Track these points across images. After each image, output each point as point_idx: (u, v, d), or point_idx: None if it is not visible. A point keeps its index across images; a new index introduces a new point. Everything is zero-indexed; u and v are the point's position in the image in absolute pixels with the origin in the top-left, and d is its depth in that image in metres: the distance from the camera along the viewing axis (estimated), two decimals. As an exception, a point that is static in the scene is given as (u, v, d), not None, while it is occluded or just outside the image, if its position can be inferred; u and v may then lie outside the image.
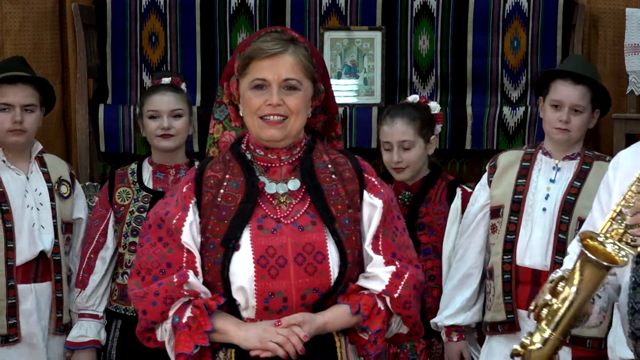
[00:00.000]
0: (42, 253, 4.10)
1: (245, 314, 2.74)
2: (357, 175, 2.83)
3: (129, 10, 5.09)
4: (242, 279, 2.71)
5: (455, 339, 4.10)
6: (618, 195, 2.74)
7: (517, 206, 3.97)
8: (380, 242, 2.79)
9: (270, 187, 2.79)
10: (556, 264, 3.87)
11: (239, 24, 5.11)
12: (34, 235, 4.09)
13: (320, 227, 2.75)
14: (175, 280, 2.72)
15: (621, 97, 5.06)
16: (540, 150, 4.06)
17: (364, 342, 2.79)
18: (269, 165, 2.82)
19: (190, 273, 2.74)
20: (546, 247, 3.93)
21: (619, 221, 2.62)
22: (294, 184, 2.80)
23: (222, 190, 2.78)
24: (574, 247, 2.96)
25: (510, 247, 3.96)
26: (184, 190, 2.80)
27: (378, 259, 2.78)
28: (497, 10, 5.04)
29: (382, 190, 2.82)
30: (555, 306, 2.60)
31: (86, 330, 4.18)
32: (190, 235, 2.75)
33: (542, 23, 5.01)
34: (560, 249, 3.90)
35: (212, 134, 2.96)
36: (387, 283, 2.76)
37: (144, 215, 4.16)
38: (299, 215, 2.76)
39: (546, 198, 3.98)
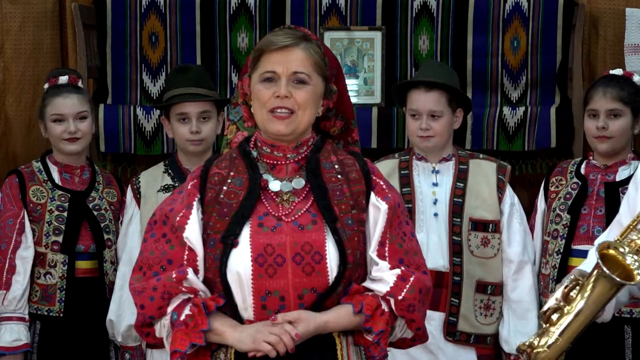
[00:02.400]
0: None
1: (244, 314, 2.74)
2: (364, 176, 2.81)
3: (129, 10, 5.08)
4: (239, 277, 2.71)
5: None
6: None
7: (409, 215, 4.01)
8: (386, 249, 2.77)
9: (275, 185, 2.79)
10: (455, 265, 3.97)
11: (239, 24, 5.10)
12: None
13: (321, 227, 2.74)
14: (174, 276, 2.73)
15: (621, 97, 5.06)
16: (415, 156, 4.14)
17: (368, 344, 2.78)
18: (275, 163, 2.82)
19: (190, 270, 2.74)
20: (444, 249, 4.03)
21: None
22: (298, 183, 2.79)
23: (225, 187, 2.78)
24: (600, 242, 2.96)
25: None
26: (189, 187, 2.81)
27: (384, 264, 2.76)
28: (497, 10, 5.03)
29: (389, 195, 2.80)
30: (565, 312, 2.61)
31: (19, 334, 4.13)
32: (192, 232, 2.76)
33: (542, 23, 5.01)
34: (456, 250, 4.03)
35: (226, 135, 2.96)
36: (391, 285, 2.74)
37: (65, 214, 4.17)
38: (300, 213, 2.76)
39: (435, 203, 4.07)
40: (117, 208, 4.29)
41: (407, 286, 2.75)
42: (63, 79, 4.27)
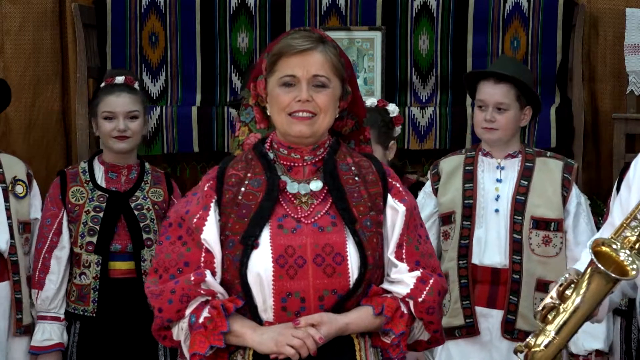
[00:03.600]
0: None
1: (264, 315, 2.72)
2: (381, 178, 2.80)
3: (129, 10, 5.08)
4: (260, 278, 2.69)
5: None
6: (637, 195, 2.74)
7: (469, 211, 4.01)
8: (404, 250, 2.76)
9: (292, 187, 2.78)
10: (514, 263, 3.93)
11: (239, 24, 5.10)
12: None
13: (341, 228, 2.73)
14: (193, 278, 2.71)
15: (621, 97, 5.07)
16: (480, 152, 4.10)
17: (387, 346, 2.76)
18: (292, 164, 2.80)
19: (208, 272, 2.72)
20: (503, 247, 3.98)
21: (634, 227, 2.62)
22: (316, 185, 2.78)
23: (242, 189, 2.76)
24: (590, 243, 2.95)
25: (465, 251, 4.00)
26: (205, 188, 2.79)
27: (402, 266, 2.75)
28: (497, 10, 5.04)
29: (406, 197, 2.79)
30: (561, 310, 2.60)
31: (50, 334, 4.14)
32: (210, 234, 2.74)
33: (542, 23, 5.01)
34: (516, 249, 3.96)
35: (237, 137, 2.93)
36: (411, 287, 2.73)
37: (101, 215, 4.17)
38: (319, 215, 2.74)
39: (497, 199, 4.02)
40: (163, 207, 4.27)
41: (427, 288, 2.74)
42: (119, 79, 4.28)
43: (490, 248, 3.99)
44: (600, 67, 5.01)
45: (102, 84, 4.33)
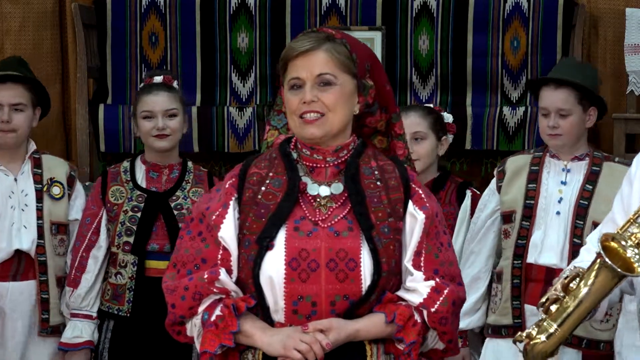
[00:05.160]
0: (25, 253, 4.09)
1: (275, 317, 2.71)
2: (403, 184, 2.76)
3: (129, 10, 5.08)
4: (272, 279, 2.68)
5: (459, 344, 4.08)
6: (639, 191, 2.74)
7: (529, 211, 3.97)
8: (422, 259, 2.73)
9: (313, 189, 2.75)
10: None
11: (239, 24, 5.10)
12: (11, 235, 4.08)
13: (357, 234, 2.70)
14: (206, 276, 2.70)
15: (621, 97, 5.07)
16: (548, 153, 4.06)
17: (400, 353, 2.73)
18: (315, 165, 2.77)
19: (222, 270, 2.71)
20: (562, 250, 3.93)
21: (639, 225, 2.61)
22: (337, 188, 2.75)
23: (263, 188, 2.75)
24: (593, 239, 2.94)
25: (521, 251, 3.96)
26: (227, 186, 2.78)
27: (418, 274, 2.72)
28: (497, 10, 5.04)
29: (427, 205, 2.75)
30: (565, 303, 2.60)
31: (81, 331, 4.16)
32: (228, 232, 2.72)
33: (542, 23, 5.01)
34: (576, 251, 3.80)
35: (266, 139, 2.91)
36: (425, 296, 2.70)
37: (138, 215, 4.17)
38: (337, 219, 2.72)
39: (559, 201, 3.98)
40: None
41: (441, 298, 2.70)
42: (158, 79, 4.29)
43: (548, 250, 3.94)
44: (600, 67, 5.00)
45: (141, 85, 4.36)
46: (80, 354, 4.17)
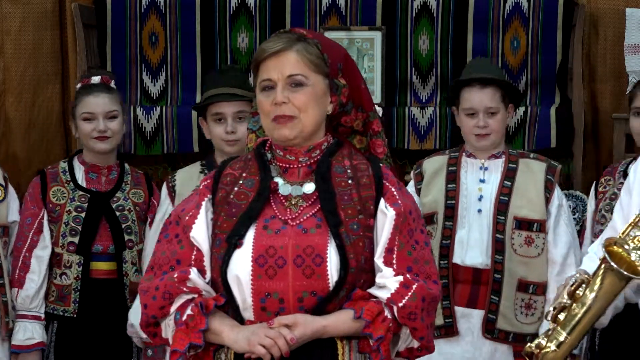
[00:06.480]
0: None
1: (245, 314, 2.73)
2: (376, 182, 2.77)
3: (129, 10, 5.09)
4: (239, 277, 2.70)
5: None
6: (637, 199, 2.74)
7: (451, 211, 4.05)
8: (394, 256, 2.72)
9: (285, 189, 2.77)
10: (496, 263, 3.95)
11: (239, 24, 5.11)
12: None
13: (325, 231, 2.71)
14: (176, 276, 2.72)
15: (621, 97, 5.06)
16: (464, 153, 4.12)
17: (370, 351, 2.73)
18: (288, 166, 2.79)
19: (193, 270, 2.72)
20: (485, 247, 4.01)
21: None
22: (309, 187, 2.77)
23: (236, 188, 2.77)
24: (594, 248, 2.96)
25: (446, 252, 4.02)
26: (201, 187, 2.81)
27: (388, 270, 2.72)
28: (497, 10, 5.04)
29: (399, 201, 2.75)
30: (573, 310, 2.60)
31: (32, 332, 4.15)
32: (200, 232, 2.75)
33: (542, 23, 5.01)
34: (498, 249, 4.00)
35: (247, 146, 2.92)
36: (392, 292, 2.70)
37: (82, 215, 4.18)
38: (305, 217, 2.73)
39: (479, 199, 4.05)
40: (143, 209, 4.28)
41: (410, 293, 2.69)
42: (95, 79, 4.29)
43: (473, 248, 4.01)
44: (600, 67, 5.01)
45: (79, 85, 4.33)
46: (33, 356, 4.16)
